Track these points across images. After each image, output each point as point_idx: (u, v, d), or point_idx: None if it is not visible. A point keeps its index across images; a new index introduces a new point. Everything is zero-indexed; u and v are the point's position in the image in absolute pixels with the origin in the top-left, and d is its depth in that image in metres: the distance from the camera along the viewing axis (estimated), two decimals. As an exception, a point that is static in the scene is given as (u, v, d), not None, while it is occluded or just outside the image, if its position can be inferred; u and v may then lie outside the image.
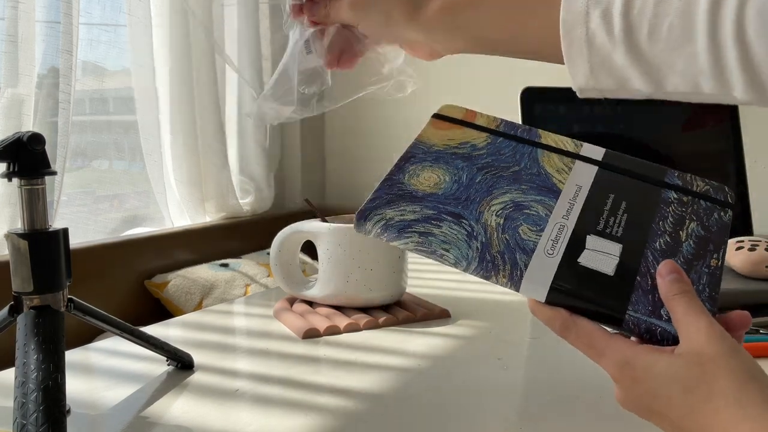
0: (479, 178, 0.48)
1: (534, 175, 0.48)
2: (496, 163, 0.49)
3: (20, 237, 0.49)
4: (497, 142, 0.52)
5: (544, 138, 0.53)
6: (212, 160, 1.88)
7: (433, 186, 0.47)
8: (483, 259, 0.42)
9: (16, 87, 1.39)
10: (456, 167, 0.49)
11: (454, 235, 0.43)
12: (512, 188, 0.47)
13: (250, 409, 0.55)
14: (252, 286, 1.71)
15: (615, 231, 0.44)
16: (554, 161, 0.50)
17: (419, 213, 0.44)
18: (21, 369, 0.45)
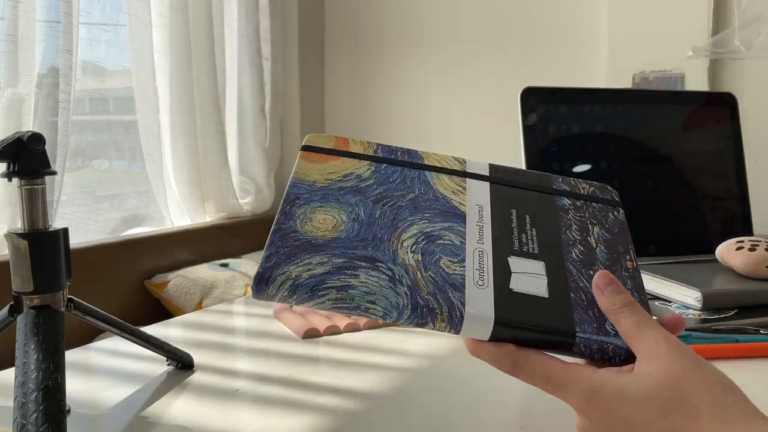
0: (378, 212, 0.43)
1: (432, 200, 0.45)
2: (389, 192, 0.45)
3: (20, 237, 0.49)
4: (381, 169, 0.47)
5: (426, 158, 0.49)
6: (212, 160, 1.88)
7: (332, 229, 0.41)
8: (416, 305, 0.37)
9: (16, 87, 1.39)
10: (349, 203, 0.43)
11: (376, 283, 0.38)
12: (416, 218, 0.43)
13: (250, 409, 0.55)
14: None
15: (531, 248, 0.42)
16: (446, 182, 0.47)
17: (328, 264, 0.38)
18: (21, 369, 0.45)
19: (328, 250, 0.39)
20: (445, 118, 2.15)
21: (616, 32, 1.80)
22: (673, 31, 1.71)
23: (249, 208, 2.07)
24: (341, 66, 2.35)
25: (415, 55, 2.20)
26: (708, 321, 0.70)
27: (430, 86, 2.17)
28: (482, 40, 2.07)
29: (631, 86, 1.76)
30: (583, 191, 0.47)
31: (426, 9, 2.16)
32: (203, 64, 1.82)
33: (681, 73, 1.72)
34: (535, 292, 0.39)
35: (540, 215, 0.45)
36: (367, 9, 2.27)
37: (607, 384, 0.35)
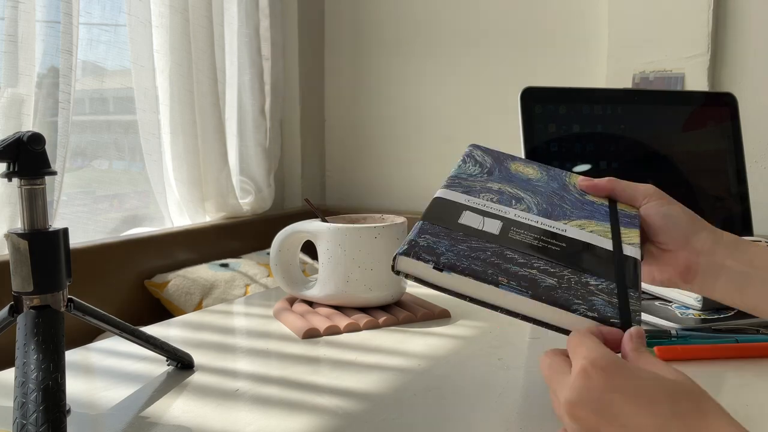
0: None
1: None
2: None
3: (20, 237, 0.49)
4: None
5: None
6: (212, 160, 1.88)
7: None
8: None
9: (16, 87, 1.39)
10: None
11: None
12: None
13: (250, 409, 0.55)
14: (252, 286, 1.71)
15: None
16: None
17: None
18: (21, 369, 0.45)
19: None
20: (445, 118, 2.15)
21: (616, 32, 1.80)
22: (673, 31, 1.71)
23: (249, 208, 2.07)
24: (341, 66, 2.35)
25: (415, 55, 2.20)
26: (708, 321, 0.70)
27: (430, 86, 2.17)
28: (482, 40, 2.07)
29: (631, 86, 1.76)
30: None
31: (426, 9, 2.16)
32: (203, 64, 1.82)
33: (681, 73, 1.72)
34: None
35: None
36: (367, 9, 2.27)
37: (623, 358, 0.39)
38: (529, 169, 0.59)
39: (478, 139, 2.28)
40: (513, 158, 0.61)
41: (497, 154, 0.61)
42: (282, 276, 0.82)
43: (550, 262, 0.46)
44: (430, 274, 0.45)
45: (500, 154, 0.61)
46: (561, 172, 0.60)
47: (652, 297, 0.78)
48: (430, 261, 0.44)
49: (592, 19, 1.88)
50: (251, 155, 2.10)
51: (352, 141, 2.37)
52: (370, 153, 2.32)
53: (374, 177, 2.33)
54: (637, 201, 0.56)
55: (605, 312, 0.42)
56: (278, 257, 0.81)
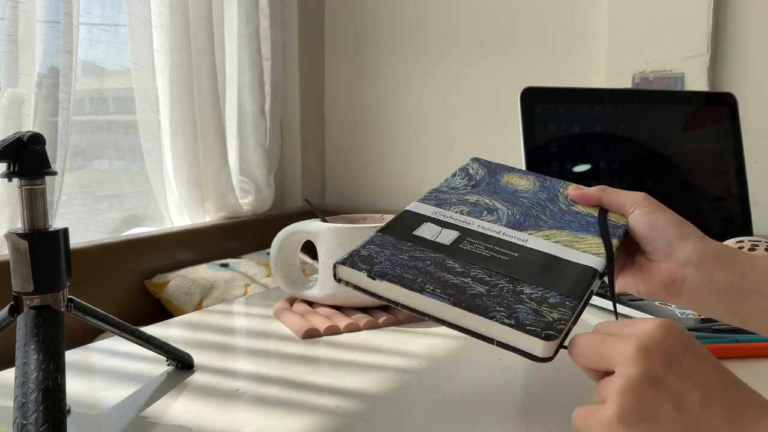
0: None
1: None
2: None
3: (20, 237, 0.49)
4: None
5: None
6: (212, 160, 1.88)
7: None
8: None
9: (16, 87, 1.39)
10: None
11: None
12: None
13: (250, 409, 0.55)
14: (252, 286, 1.71)
15: None
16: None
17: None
18: (21, 369, 0.45)
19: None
20: (445, 118, 2.15)
21: (616, 32, 1.80)
22: (673, 31, 1.71)
23: (249, 208, 2.07)
24: (341, 66, 2.35)
25: (415, 56, 2.20)
26: (708, 321, 0.70)
27: (430, 86, 2.17)
28: (482, 40, 2.07)
29: (631, 86, 1.76)
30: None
31: (426, 9, 2.16)
32: (203, 64, 1.82)
33: (681, 73, 1.72)
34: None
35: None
36: (366, 9, 2.27)
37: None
38: (522, 180, 0.59)
39: (478, 139, 2.28)
40: (510, 170, 0.60)
41: (495, 166, 0.61)
42: (282, 276, 0.82)
43: (489, 271, 0.46)
44: (365, 282, 0.46)
45: (498, 167, 0.61)
46: (557, 183, 0.59)
47: (652, 297, 0.78)
48: (364, 270, 0.46)
49: (592, 19, 1.88)
50: (251, 155, 2.10)
51: (352, 141, 2.37)
52: (370, 153, 2.32)
53: (374, 177, 2.33)
54: (625, 209, 0.54)
55: (524, 319, 0.41)
56: (278, 257, 0.81)
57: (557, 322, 0.42)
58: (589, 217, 0.54)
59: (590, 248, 0.50)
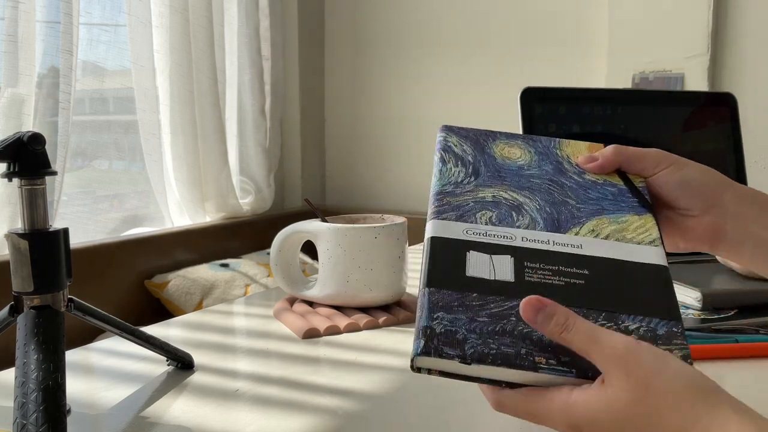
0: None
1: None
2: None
3: (20, 237, 0.49)
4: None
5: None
6: (212, 160, 1.88)
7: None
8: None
9: (16, 87, 1.39)
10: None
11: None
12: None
13: (250, 409, 0.55)
14: (252, 286, 1.71)
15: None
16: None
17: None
18: (21, 369, 0.45)
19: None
20: (445, 118, 2.15)
21: (616, 32, 1.80)
22: (673, 31, 1.71)
23: (249, 208, 2.07)
24: (341, 66, 2.35)
25: (415, 55, 2.20)
26: (708, 321, 0.70)
27: (430, 86, 2.17)
28: (482, 40, 2.07)
29: (631, 86, 1.76)
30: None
31: (426, 9, 2.16)
32: (203, 64, 1.82)
33: (681, 73, 1.72)
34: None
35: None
36: (367, 9, 2.27)
37: (582, 414, 0.35)
38: (515, 149, 0.53)
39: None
40: (494, 137, 0.54)
41: (475, 135, 0.54)
42: (282, 276, 0.82)
43: (580, 310, 0.40)
44: (456, 368, 0.39)
45: (478, 135, 0.54)
46: (549, 143, 0.54)
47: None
48: (456, 357, 0.38)
49: (592, 19, 1.88)
50: (251, 155, 2.10)
51: (352, 141, 2.37)
52: (370, 153, 2.32)
53: (374, 177, 2.33)
54: (647, 171, 0.51)
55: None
56: (278, 257, 0.81)
57: (685, 359, 0.38)
58: (610, 187, 0.50)
59: (640, 236, 0.46)
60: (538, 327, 0.37)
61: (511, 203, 0.48)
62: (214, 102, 1.87)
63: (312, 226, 0.80)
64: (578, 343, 0.36)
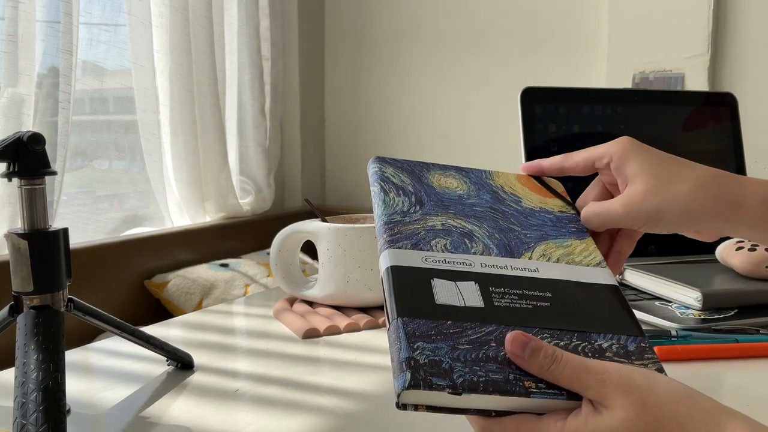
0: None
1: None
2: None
3: (20, 237, 0.49)
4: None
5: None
6: (212, 160, 1.88)
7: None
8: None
9: (16, 87, 1.39)
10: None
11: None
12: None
13: (250, 409, 0.55)
14: (252, 286, 1.71)
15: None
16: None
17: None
18: (21, 369, 0.45)
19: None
20: (445, 118, 2.15)
21: (616, 32, 1.80)
22: (673, 31, 1.71)
23: (249, 208, 2.07)
24: (341, 66, 2.35)
25: (415, 56, 2.20)
26: (708, 321, 0.70)
27: (430, 86, 2.17)
28: (482, 40, 2.07)
29: (631, 86, 1.76)
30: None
31: (426, 9, 2.16)
32: (203, 64, 1.82)
33: (681, 73, 1.72)
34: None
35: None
36: (367, 9, 2.27)
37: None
38: (450, 180, 0.53)
39: (478, 139, 2.28)
40: (427, 168, 0.53)
41: (409, 166, 0.53)
42: (282, 276, 0.82)
43: (553, 332, 0.41)
44: (448, 400, 0.37)
45: (412, 166, 0.53)
46: (481, 174, 0.54)
47: (652, 297, 0.78)
48: (446, 387, 0.36)
49: (592, 19, 1.88)
50: (251, 155, 2.10)
51: (352, 141, 2.37)
52: (370, 153, 2.32)
53: (374, 177, 2.32)
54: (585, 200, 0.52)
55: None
56: (278, 257, 0.81)
57: (660, 371, 0.39)
58: (547, 213, 0.51)
59: (586, 258, 0.48)
60: (525, 362, 0.37)
61: (462, 231, 0.48)
62: (214, 102, 1.87)
63: (312, 226, 0.80)
64: (568, 374, 0.36)
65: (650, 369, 0.39)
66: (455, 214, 0.49)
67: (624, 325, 0.42)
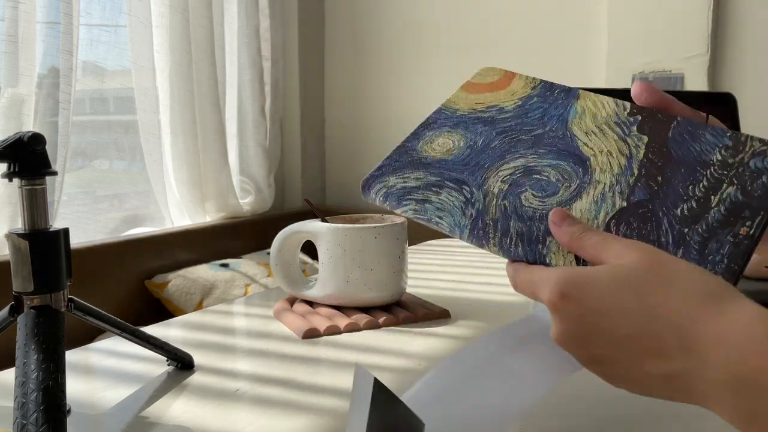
0: (496, 143, 0.46)
1: (558, 138, 0.45)
2: (518, 126, 0.46)
3: (21, 237, 0.49)
4: (528, 104, 0.48)
5: (582, 98, 0.49)
6: (212, 160, 1.88)
7: (445, 152, 0.46)
8: (475, 226, 0.41)
9: (17, 87, 1.39)
10: (475, 132, 0.47)
11: (451, 203, 0.42)
12: (528, 153, 0.44)
13: (250, 409, 0.55)
14: (252, 286, 1.71)
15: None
16: (586, 123, 0.46)
17: (422, 180, 0.44)
18: (21, 369, 0.45)
19: (429, 169, 0.45)
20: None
21: (616, 32, 1.80)
22: (673, 31, 1.71)
23: (249, 208, 2.07)
24: (341, 66, 2.35)
25: (415, 56, 2.20)
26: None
27: (430, 86, 2.17)
28: (482, 40, 2.07)
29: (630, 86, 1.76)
30: (748, 148, 0.42)
31: (426, 10, 2.16)
32: (203, 64, 1.83)
33: (681, 73, 1.72)
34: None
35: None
36: (367, 9, 2.27)
37: (578, 275, 0.34)
38: (440, 140, 0.48)
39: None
40: (410, 148, 0.49)
41: (396, 161, 0.48)
42: (282, 276, 0.82)
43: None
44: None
45: (399, 157, 0.48)
46: (446, 113, 0.51)
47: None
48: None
49: (592, 19, 1.88)
50: (251, 155, 2.10)
51: (352, 141, 2.37)
52: (370, 153, 2.32)
53: (374, 177, 2.33)
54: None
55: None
56: (278, 257, 0.81)
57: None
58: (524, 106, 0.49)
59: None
60: (561, 229, 0.38)
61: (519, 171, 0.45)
62: (214, 102, 1.87)
63: (312, 226, 0.80)
64: (595, 240, 0.36)
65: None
66: (489, 164, 0.45)
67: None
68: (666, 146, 0.44)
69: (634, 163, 0.43)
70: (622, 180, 0.42)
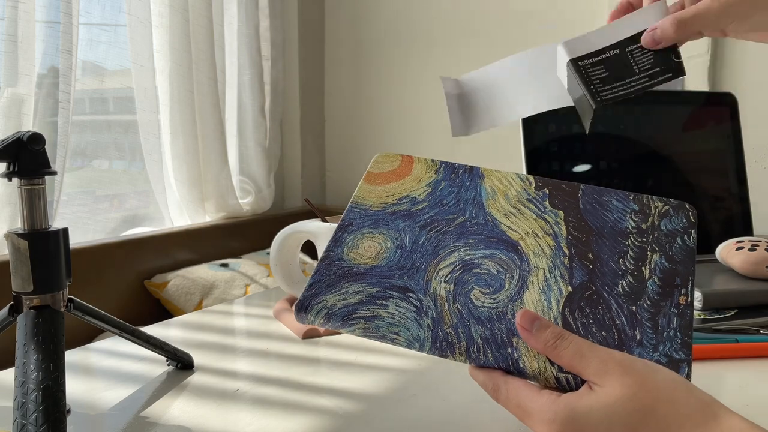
0: (423, 239, 0.43)
1: (480, 224, 0.44)
2: (439, 216, 0.45)
3: (20, 237, 0.49)
4: (438, 190, 0.47)
5: (487, 177, 0.48)
6: (212, 160, 1.88)
7: (375, 257, 0.43)
8: (436, 338, 0.39)
9: (16, 87, 1.39)
10: (397, 229, 0.44)
11: (402, 315, 0.40)
12: (459, 245, 0.43)
13: (250, 409, 0.55)
14: (252, 286, 1.71)
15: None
16: (500, 204, 0.46)
17: (362, 293, 0.41)
18: (21, 369, 0.45)
19: (366, 279, 0.42)
20: (445, 118, 2.15)
21: (616, 32, 1.79)
22: (673, 31, 1.71)
23: (249, 208, 2.07)
24: (341, 66, 2.35)
25: (415, 55, 2.20)
26: (708, 321, 0.70)
27: (430, 86, 2.17)
28: (483, 40, 2.07)
29: (631, 86, 1.76)
30: (653, 211, 0.45)
31: (426, 9, 2.16)
32: (203, 64, 1.82)
33: (681, 73, 1.72)
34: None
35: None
36: (367, 9, 2.27)
37: (571, 409, 0.35)
38: (366, 243, 0.45)
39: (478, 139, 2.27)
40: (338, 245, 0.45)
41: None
42: (282, 276, 0.82)
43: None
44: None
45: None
46: (361, 214, 0.47)
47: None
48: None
49: (591, 19, 1.88)
50: (251, 155, 2.10)
51: (352, 141, 2.37)
52: (370, 153, 2.32)
53: (374, 177, 2.32)
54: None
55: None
56: (278, 257, 0.81)
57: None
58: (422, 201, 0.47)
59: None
60: (531, 336, 0.38)
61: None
62: (214, 102, 1.87)
63: (312, 226, 0.80)
64: (571, 352, 0.36)
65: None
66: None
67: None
68: (582, 219, 0.45)
69: (561, 242, 0.43)
70: (557, 262, 0.42)
